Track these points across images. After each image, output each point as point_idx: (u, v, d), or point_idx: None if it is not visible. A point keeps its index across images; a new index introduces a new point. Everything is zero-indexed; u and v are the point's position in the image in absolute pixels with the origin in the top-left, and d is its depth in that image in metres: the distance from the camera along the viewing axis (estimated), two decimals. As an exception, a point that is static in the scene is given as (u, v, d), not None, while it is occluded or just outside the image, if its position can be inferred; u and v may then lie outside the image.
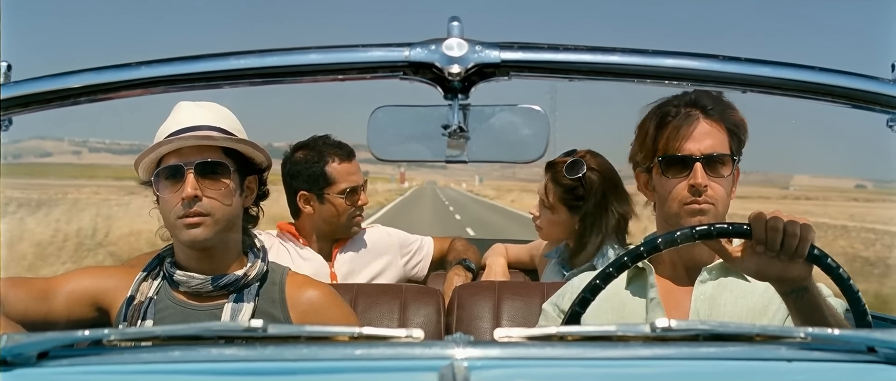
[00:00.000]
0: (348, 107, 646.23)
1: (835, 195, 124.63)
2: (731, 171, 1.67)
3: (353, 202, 2.66)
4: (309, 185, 2.64)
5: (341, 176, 2.63)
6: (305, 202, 2.66)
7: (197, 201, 1.65)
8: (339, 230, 2.70)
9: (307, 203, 2.66)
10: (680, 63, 1.04)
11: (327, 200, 2.63)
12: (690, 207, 1.63)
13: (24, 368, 0.99)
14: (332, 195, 2.63)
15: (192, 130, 1.71)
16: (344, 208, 2.65)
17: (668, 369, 1.01)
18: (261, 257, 1.79)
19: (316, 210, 2.66)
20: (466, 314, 2.29)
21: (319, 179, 2.62)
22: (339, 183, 2.63)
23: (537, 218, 2.69)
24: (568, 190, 2.56)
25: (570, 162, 2.55)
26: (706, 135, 1.64)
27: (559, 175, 2.57)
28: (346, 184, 2.63)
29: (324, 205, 2.64)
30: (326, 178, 2.62)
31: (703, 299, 1.66)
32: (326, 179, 2.62)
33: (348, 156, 2.68)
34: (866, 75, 1.10)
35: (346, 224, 2.68)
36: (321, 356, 0.98)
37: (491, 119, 1.09)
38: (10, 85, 1.09)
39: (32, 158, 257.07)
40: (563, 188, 2.56)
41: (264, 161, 1.81)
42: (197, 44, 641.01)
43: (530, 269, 2.92)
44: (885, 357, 1.03)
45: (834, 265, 1.38)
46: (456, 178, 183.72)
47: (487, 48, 1.01)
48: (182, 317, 1.69)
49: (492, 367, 0.97)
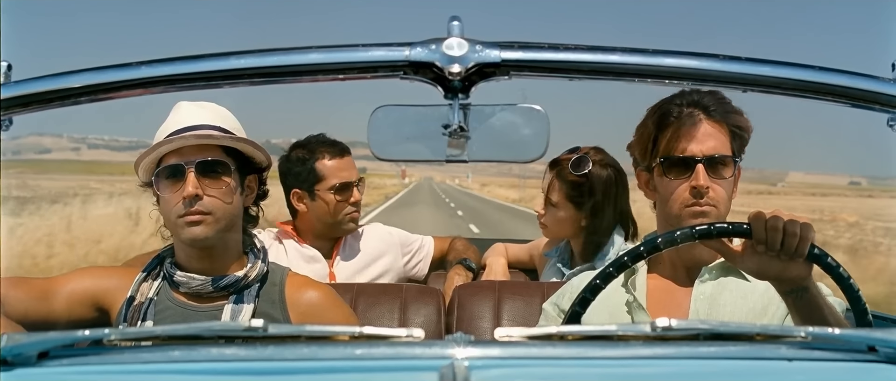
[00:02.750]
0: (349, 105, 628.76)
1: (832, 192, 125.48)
2: (732, 172, 1.66)
3: (346, 199, 2.64)
4: (300, 182, 2.64)
5: (331, 172, 2.62)
6: (298, 200, 2.66)
7: (198, 199, 1.65)
8: (334, 228, 2.68)
9: (300, 201, 2.66)
10: (680, 62, 1.04)
11: (318, 196, 2.63)
12: (692, 208, 1.62)
13: (25, 368, 0.99)
14: (322, 192, 2.62)
15: (191, 129, 1.71)
16: (335, 205, 2.63)
17: (669, 368, 1.01)
18: (261, 257, 1.79)
19: (309, 208, 2.65)
20: (467, 314, 2.29)
21: (310, 175, 2.62)
22: (328, 179, 2.62)
23: (542, 216, 2.66)
24: (573, 187, 2.54)
25: (576, 159, 2.53)
26: (708, 136, 1.64)
27: (565, 172, 2.55)
28: (337, 180, 2.62)
29: (315, 202, 2.64)
30: (317, 174, 2.62)
31: (703, 298, 1.66)
32: (317, 176, 2.62)
33: (341, 153, 2.67)
34: (866, 74, 1.10)
35: (340, 221, 2.66)
36: (321, 356, 0.98)
37: (491, 119, 1.09)
38: (10, 85, 1.09)
39: (32, 155, 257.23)
40: (569, 185, 2.55)
41: (264, 161, 1.81)
42: (197, 43, 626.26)
43: (530, 268, 2.92)
44: (886, 357, 1.03)
45: (834, 264, 1.38)
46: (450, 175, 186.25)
47: (488, 48, 1.01)
48: (182, 318, 1.69)
49: (492, 367, 0.97)
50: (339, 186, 2.62)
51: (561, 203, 2.57)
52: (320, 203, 2.63)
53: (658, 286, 1.72)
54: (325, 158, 2.63)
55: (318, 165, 2.62)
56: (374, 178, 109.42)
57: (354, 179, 2.68)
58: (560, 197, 2.57)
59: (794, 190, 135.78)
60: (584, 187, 2.53)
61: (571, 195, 2.55)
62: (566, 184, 2.55)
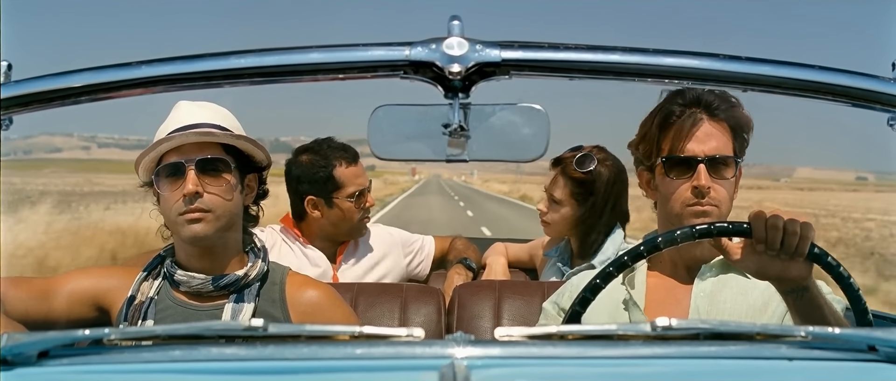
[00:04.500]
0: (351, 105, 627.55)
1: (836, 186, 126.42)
2: (734, 172, 1.66)
3: (361, 205, 2.66)
4: (317, 189, 2.63)
5: (349, 180, 2.63)
6: (313, 207, 2.65)
7: (198, 197, 1.65)
8: (347, 233, 2.70)
9: (315, 208, 2.65)
10: (680, 62, 1.04)
11: (336, 204, 2.63)
12: (694, 208, 1.62)
13: (25, 367, 0.99)
14: (340, 200, 2.63)
15: (191, 127, 1.71)
16: (353, 212, 2.65)
17: (669, 368, 1.01)
18: (261, 256, 1.79)
19: (324, 214, 2.65)
20: (467, 314, 2.29)
21: (328, 183, 2.62)
22: (347, 187, 2.63)
23: (545, 214, 2.65)
24: (578, 184, 2.54)
25: (581, 156, 2.54)
26: (710, 136, 1.64)
27: (569, 169, 2.55)
28: (355, 187, 2.63)
29: (332, 209, 2.64)
30: (335, 182, 2.62)
31: (703, 295, 1.66)
32: (335, 184, 2.62)
33: (354, 159, 2.68)
34: (867, 74, 1.10)
35: (355, 226, 2.69)
36: (321, 356, 0.98)
37: (491, 118, 1.09)
38: (10, 85, 1.09)
39: (42, 154, 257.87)
40: (574, 183, 2.54)
41: (264, 159, 1.82)
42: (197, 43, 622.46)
43: (530, 268, 2.92)
44: (886, 356, 1.03)
45: (834, 264, 1.38)
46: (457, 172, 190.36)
47: (488, 47, 1.01)
48: (183, 317, 1.69)
49: (492, 366, 0.97)
50: (357, 194, 2.64)
51: (565, 200, 2.57)
52: (337, 210, 2.64)
53: (658, 284, 1.72)
54: (343, 166, 2.63)
55: (336, 172, 2.62)
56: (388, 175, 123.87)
57: (367, 183, 2.70)
58: (564, 194, 2.57)
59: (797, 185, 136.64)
60: (589, 185, 2.54)
61: (576, 193, 2.55)
62: (571, 181, 2.55)
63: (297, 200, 2.68)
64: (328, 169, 2.62)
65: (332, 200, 2.63)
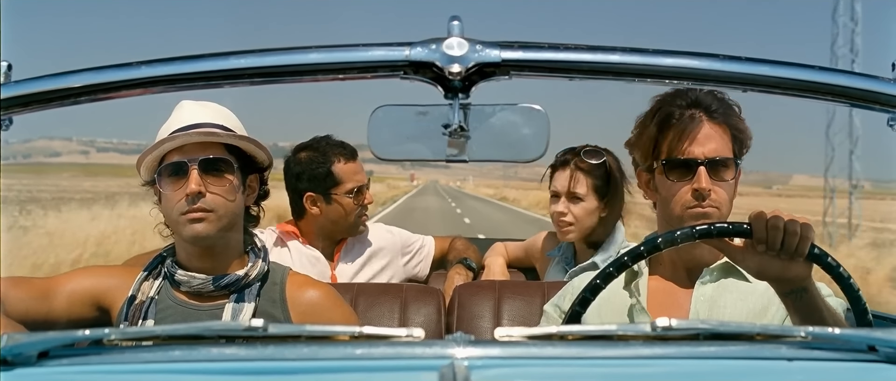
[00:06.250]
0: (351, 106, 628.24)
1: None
2: (734, 174, 1.66)
3: (360, 202, 2.67)
4: (315, 186, 2.63)
5: (347, 176, 2.64)
6: (312, 204, 2.65)
7: (200, 197, 1.65)
8: (346, 230, 2.70)
9: (314, 204, 2.65)
10: (680, 62, 1.04)
11: (335, 200, 2.63)
12: (694, 210, 1.62)
13: (25, 367, 0.99)
14: (339, 195, 2.63)
15: (194, 127, 1.71)
16: (351, 208, 2.65)
17: (669, 368, 1.00)
18: (262, 256, 1.79)
19: (323, 211, 2.65)
20: (467, 314, 2.29)
21: (326, 179, 2.62)
22: (345, 183, 2.63)
23: (564, 215, 2.55)
24: (598, 176, 2.53)
25: (590, 149, 2.54)
26: (710, 138, 1.64)
27: (584, 164, 2.53)
28: (353, 183, 2.64)
29: (331, 205, 2.64)
30: (333, 178, 2.62)
31: (704, 300, 1.66)
32: (333, 180, 2.62)
33: (352, 155, 2.68)
34: (867, 74, 1.10)
35: (354, 223, 2.69)
36: (322, 356, 0.98)
37: (491, 118, 1.09)
38: (10, 85, 1.09)
39: (42, 158, 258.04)
40: (594, 175, 2.53)
41: (266, 160, 1.82)
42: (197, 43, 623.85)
43: (528, 266, 2.92)
44: (886, 356, 1.03)
45: (834, 264, 1.38)
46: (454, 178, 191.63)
47: (488, 47, 1.01)
48: (183, 317, 1.69)
49: (492, 366, 0.97)
50: (356, 190, 2.64)
51: (588, 194, 2.54)
52: (336, 206, 2.64)
53: (659, 288, 1.72)
54: (341, 162, 2.64)
55: (335, 168, 2.62)
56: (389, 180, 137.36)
57: (365, 181, 2.71)
58: (587, 189, 2.53)
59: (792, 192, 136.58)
60: (606, 176, 2.54)
61: (597, 186, 2.54)
62: (590, 175, 2.53)
63: (295, 197, 2.69)
64: (327, 165, 2.62)
65: (331, 196, 2.63)
